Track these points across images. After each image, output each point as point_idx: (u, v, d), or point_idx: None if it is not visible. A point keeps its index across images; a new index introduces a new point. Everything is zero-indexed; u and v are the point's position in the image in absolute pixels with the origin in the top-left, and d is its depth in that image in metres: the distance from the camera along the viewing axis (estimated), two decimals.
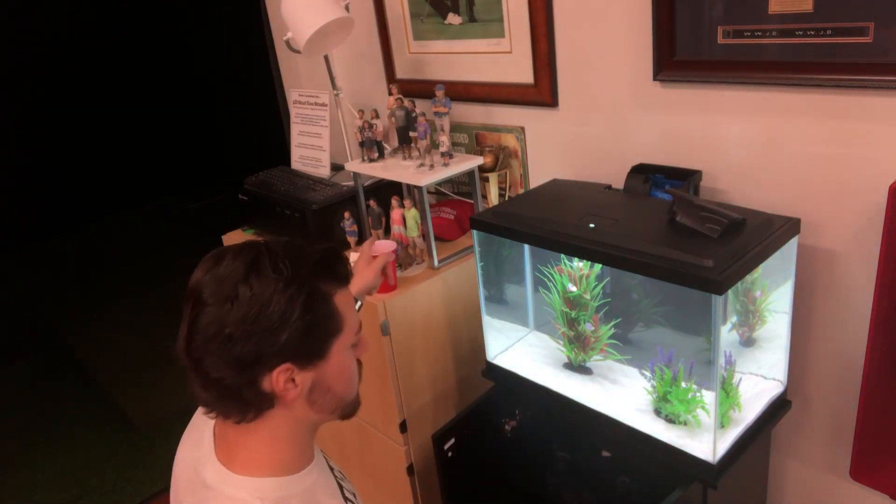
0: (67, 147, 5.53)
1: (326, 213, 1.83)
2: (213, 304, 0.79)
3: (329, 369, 0.86)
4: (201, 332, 0.79)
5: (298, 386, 0.83)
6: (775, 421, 1.35)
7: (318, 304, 0.83)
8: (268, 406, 0.83)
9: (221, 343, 0.78)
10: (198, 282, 0.82)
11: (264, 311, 0.78)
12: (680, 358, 1.27)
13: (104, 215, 5.76)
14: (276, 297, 0.79)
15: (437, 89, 1.64)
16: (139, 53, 5.67)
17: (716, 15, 1.29)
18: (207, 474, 0.87)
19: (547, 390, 1.47)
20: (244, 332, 0.78)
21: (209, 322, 0.79)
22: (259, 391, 0.81)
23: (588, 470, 1.51)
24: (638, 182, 1.44)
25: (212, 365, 0.80)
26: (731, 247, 1.12)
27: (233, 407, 0.83)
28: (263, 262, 0.81)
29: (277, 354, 0.80)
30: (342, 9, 1.85)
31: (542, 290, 1.49)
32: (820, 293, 1.35)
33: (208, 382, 0.81)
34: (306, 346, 0.82)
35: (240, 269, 0.80)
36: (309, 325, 0.81)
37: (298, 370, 0.83)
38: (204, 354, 0.80)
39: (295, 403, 0.85)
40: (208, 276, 0.82)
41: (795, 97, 1.25)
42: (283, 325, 0.79)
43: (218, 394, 0.82)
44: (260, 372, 0.80)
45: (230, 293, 0.79)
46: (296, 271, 0.81)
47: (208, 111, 5.98)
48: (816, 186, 1.28)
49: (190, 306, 0.81)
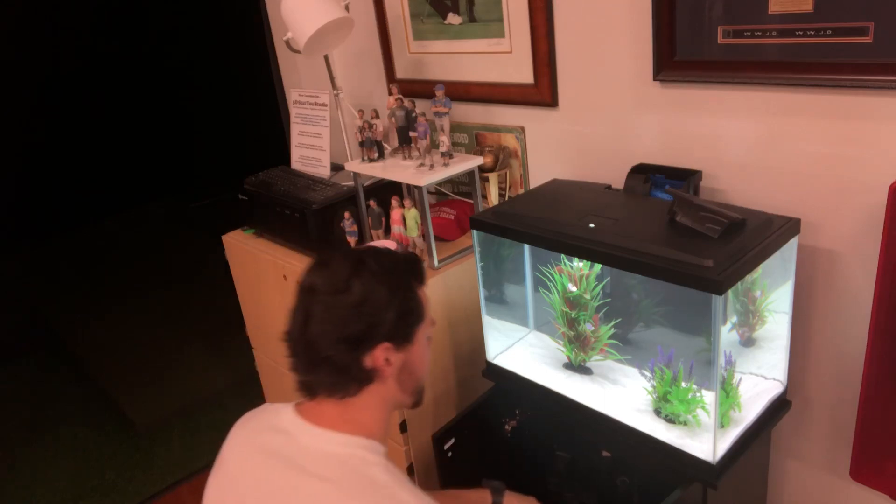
0: (67, 147, 5.52)
1: (326, 213, 1.83)
2: (327, 295, 0.99)
3: (414, 353, 1.06)
4: (317, 317, 0.99)
5: (392, 364, 1.02)
6: (775, 421, 1.35)
7: (409, 294, 1.04)
8: (367, 381, 1.01)
9: (335, 325, 0.98)
10: (311, 281, 1.02)
11: (371, 298, 0.99)
12: (680, 358, 1.27)
13: (104, 215, 5.76)
14: (379, 288, 1.00)
15: (437, 89, 1.64)
16: (139, 53, 5.67)
17: (716, 15, 1.29)
18: (303, 439, 1.00)
19: (547, 390, 1.47)
20: (355, 315, 0.98)
21: (325, 309, 0.99)
22: (362, 367, 1.00)
23: (588, 470, 1.50)
24: (638, 182, 1.44)
25: (325, 345, 0.98)
26: (731, 247, 1.13)
27: (339, 382, 1.00)
28: (368, 262, 1.02)
29: (379, 335, 0.99)
30: (342, 9, 1.85)
31: (542, 290, 1.49)
32: (820, 293, 1.35)
33: (319, 360, 0.99)
34: (400, 329, 1.02)
35: (348, 267, 1.00)
36: (403, 311, 1.02)
37: (394, 350, 1.02)
38: (319, 336, 0.98)
39: (388, 381, 1.03)
40: (320, 274, 1.02)
41: (795, 97, 1.25)
42: (385, 309, 0.99)
43: (328, 370, 1.00)
44: (365, 349, 0.99)
45: (342, 286, 0.99)
46: (392, 268, 1.03)
47: (208, 111, 5.98)
48: (816, 186, 1.28)
49: (306, 299, 1.01)
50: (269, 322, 2.16)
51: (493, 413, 1.62)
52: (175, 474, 2.63)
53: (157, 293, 4.28)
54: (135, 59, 5.67)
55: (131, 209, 5.86)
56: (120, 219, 5.77)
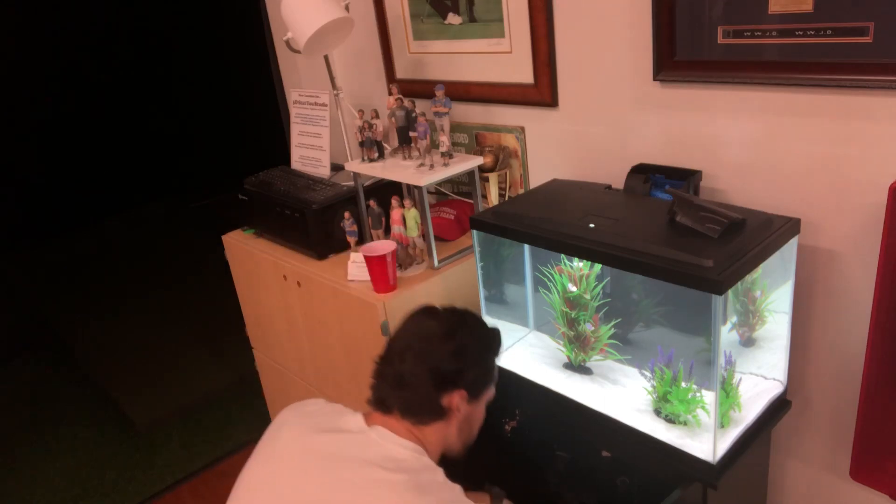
0: (67, 147, 5.53)
1: (326, 213, 1.83)
2: (433, 336, 1.17)
3: (476, 411, 1.23)
4: (418, 351, 1.16)
5: (461, 412, 1.17)
6: (775, 421, 1.35)
7: (492, 360, 1.26)
8: (439, 417, 1.15)
9: (432, 361, 1.15)
10: (418, 322, 1.22)
11: (467, 350, 1.18)
12: (680, 358, 1.27)
13: (104, 215, 5.76)
14: (474, 345, 1.21)
15: (437, 89, 1.64)
16: (139, 53, 5.67)
17: (716, 15, 1.29)
18: (373, 436, 1.12)
19: (547, 390, 1.47)
20: (451, 358, 1.16)
21: (427, 346, 1.16)
22: (439, 403, 1.15)
23: (588, 470, 1.50)
24: (638, 182, 1.44)
25: (418, 373, 1.14)
26: (731, 247, 1.12)
27: (417, 408, 1.14)
28: (470, 322, 1.24)
29: (462, 381, 1.16)
30: (342, 9, 1.85)
31: (542, 290, 1.49)
32: (820, 293, 1.35)
33: (406, 385, 1.14)
34: (477, 386, 1.20)
35: (455, 321, 1.21)
36: (484, 370, 1.22)
37: (466, 400, 1.17)
38: (414, 366, 1.14)
39: (452, 425, 1.18)
40: (428, 321, 1.21)
41: (795, 97, 1.25)
42: (474, 363, 1.19)
43: (410, 394, 1.14)
44: (446, 389, 1.15)
45: (447, 334, 1.18)
46: (486, 334, 1.27)
47: (208, 111, 5.98)
48: (816, 186, 1.28)
49: (409, 334, 1.20)
50: (269, 322, 2.16)
51: (493, 413, 1.62)
52: (175, 474, 2.63)
53: (157, 293, 4.28)
54: (135, 59, 5.67)
55: (131, 209, 5.86)
56: (120, 219, 5.77)
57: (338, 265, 1.81)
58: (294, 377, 2.18)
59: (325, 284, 1.76)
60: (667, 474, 1.27)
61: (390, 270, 1.60)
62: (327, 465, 1.08)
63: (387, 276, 1.60)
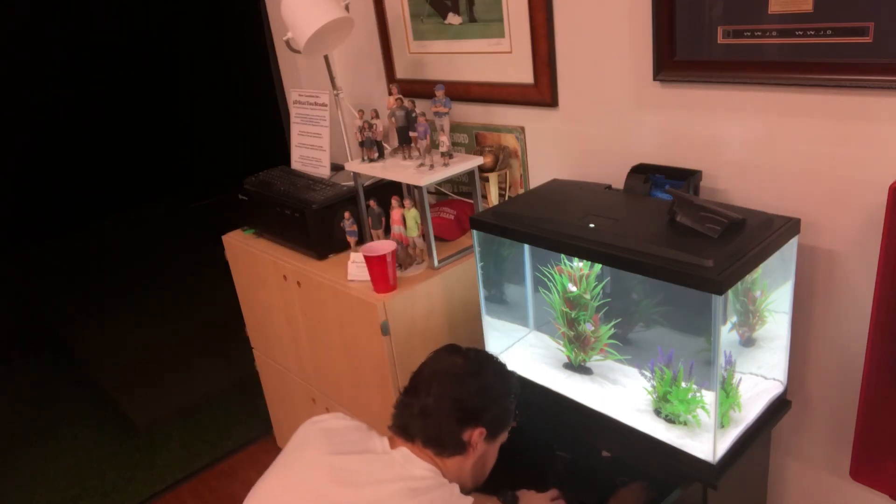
0: (67, 147, 5.52)
1: (326, 213, 1.83)
2: (461, 371, 1.23)
3: (491, 451, 1.28)
4: (445, 385, 1.21)
5: (479, 449, 1.22)
6: (775, 421, 1.35)
7: (511, 403, 1.29)
8: (458, 451, 1.20)
9: (458, 395, 1.20)
10: (445, 359, 1.27)
11: (492, 387, 1.24)
12: (680, 358, 1.28)
13: (104, 215, 5.76)
14: (499, 385, 1.27)
15: (437, 89, 1.64)
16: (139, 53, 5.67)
17: (716, 15, 1.29)
18: (398, 457, 1.17)
19: (547, 390, 1.47)
20: (477, 394, 1.21)
21: (455, 381, 1.21)
22: (460, 438, 1.19)
23: (588, 470, 1.50)
24: (638, 182, 1.44)
25: (444, 406, 1.19)
26: (731, 247, 1.12)
27: (438, 441, 1.18)
28: (496, 363, 1.31)
29: (484, 419, 1.21)
30: (342, 9, 1.85)
31: (542, 290, 1.49)
32: (820, 293, 1.35)
33: (430, 416, 1.18)
34: (496, 425, 1.24)
35: (481, 359, 1.28)
36: (505, 410, 1.26)
37: (484, 438, 1.21)
38: (439, 399, 1.19)
39: (469, 461, 1.22)
40: (453, 357, 1.26)
41: (795, 97, 1.25)
42: (496, 402, 1.24)
43: (434, 426, 1.18)
44: (469, 425, 1.19)
45: (475, 370, 1.24)
46: (511, 376, 1.32)
47: (208, 111, 5.98)
48: (816, 186, 1.28)
49: (436, 372, 1.24)
50: (269, 322, 2.16)
51: None
52: (175, 474, 2.63)
53: (157, 293, 4.27)
54: (135, 58, 5.67)
55: (131, 209, 5.86)
56: (120, 219, 5.77)
57: (338, 265, 1.81)
58: (294, 377, 2.18)
59: (325, 284, 1.76)
60: (667, 474, 1.27)
61: (390, 270, 1.60)
62: (348, 485, 1.12)
63: (387, 276, 1.60)
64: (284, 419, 2.47)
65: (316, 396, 2.09)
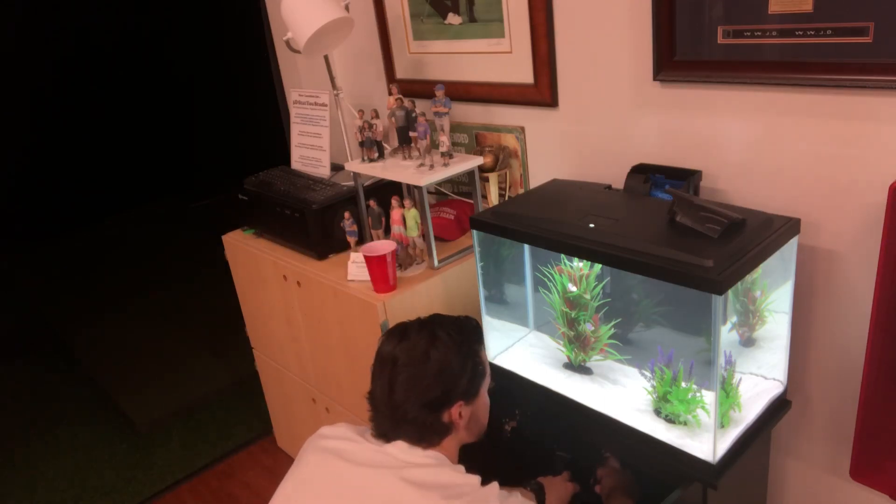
0: (67, 147, 5.52)
1: (326, 213, 1.83)
2: (410, 365, 1.15)
3: (479, 404, 1.25)
4: (402, 385, 1.14)
5: (464, 417, 1.19)
6: (775, 421, 1.35)
7: (476, 358, 1.23)
8: (446, 433, 1.18)
9: (419, 392, 1.14)
10: (391, 352, 1.17)
11: (447, 367, 1.16)
12: (680, 358, 1.27)
13: (104, 215, 5.76)
14: (453, 358, 1.18)
15: (437, 89, 1.64)
16: (139, 53, 5.67)
17: (716, 15, 1.29)
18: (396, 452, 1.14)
19: (547, 390, 1.47)
20: (436, 381, 1.15)
21: (409, 378, 1.14)
22: (442, 423, 1.16)
23: (588, 470, 1.50)
24: (638, 182, 1.44)
25: (410, 409, 1.14)
26: (731, 247, 1.12)
27: (422, 436, 1.15)
28: (440, 334, 1.19)
29: (455, 396, 1.17)
30: (342, 9, 1.85)
31: (542, 290, 1.49)
32: (820, 293, 1.35)
33: (404, 422, 1.14)
34: (470, 388, 1.20)
35: (425, 340, 1.17)
36: (472, 373, 1.21)
37: (465, 405, 1.19)
38: (403, 401, 1.14)
39: (461, 430, 1.20)
40: (400, 347, 1.17)
41: (795, 97, 1.25)
42: (459, 375, 1.18)
43: (412, 428, 1.15)
44: (443, 409, 1.16)
45: (422, 357, 1.15)
46: (461, 338, 1.21)
47: (208, 111, 5.98)
48: (816, 186, 1.28)
49: (389, 369, 1.16)
50: (269, 322, 2.16)
51: (493, 413, 1.62)
52: (175, 474, 2.63)
53: (157, 293, 4.27)
54: (135, 58, 5.67)
55: (131, 209, 5.86)
56: (120, 219, 5.77)
57: (338, 265, 1.81)
58: (294, 377, 2.18)
59: (325, 284, 1.76)
60: (667, 474, 1.27)
61: (390, 270, 1.60)
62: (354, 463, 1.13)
63: (387, 276, 1.60)
64: (284, 419, 2.47)
65: (316, 396, 2.09)
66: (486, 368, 1.27)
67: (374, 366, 1.22)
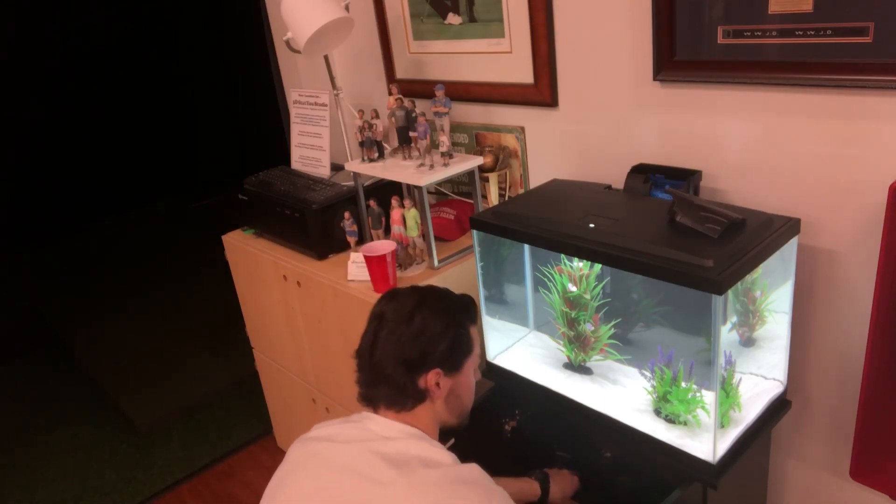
0: (67, 147, 5.52)
1: (326, 213, 1.83)
2: (394, 323, 1.16)
3: (461, 381, 1.21)
4: (383, 340, 1.16)
5: (442, 388, 1.16)
6: (775, 421, 1.35)
7: (461, 331, 1.20)
8: (420, 400, 1.15)
9: (397, 349, 1.14)
10: (381, 310, 1.20)
11: (427, 330, 1.15)
12: (680, 358, 1.27)
13: (104, 215, 5.75)
14: (436, 322, 1.16)
15: (437, 89, 1.64)
16: (139, 53, 5.67)
17: (716, 15, 1.29)
18: (372, 426, 1.15)
19: (547, 390, 1.47)
20: (415, 342, 1.14)
21: (390, 334, 1.15)
22: (416, 387, 1.15)
23: (588, 470, 1.50)
24: (638, 182, 1.44)
25: (388, 365, 1.14)
26: (731, 247, 1.12)
27: (397, 397, 1.15)
28: (429, 299, 1.19)
29: (432, 361, 1.15)
30: (342, 9, 1.85)
31: (542, 290, 1.49)
32: (820, 293, 1.35)
33: (382, 378, 1.15)
34: (451, 359, 1.18)
35: (413, 302, 1.18)
36: (454, 344, 1.18)
37: (444, 376, 1.16)
38: (383, 357, 1.15)
39: (438, 402, 1.17)
40: (388, 306, 1.19)
41: (795, 97, 1.25)
42: (438, 341, 1.16)
43: (388, 386, 1.15)
44: (419, 372, 1.14)
45: (406, 317, 1.16)
46: (448, 307, 1.21)
47: (209, 111, 5.98)
48: (816, 186, 1.28)
49: (375, 325, 1.18)
50: (269, 322, 2.16)
51: (493, 413, 1.62)
52: (175, 474, 2.63)
53: (157, 293, 4.27)
54: (135, 58, 5.67)
55: (131, 209, 5.86)
56: (120, 218, 5.77)
57: (338, 265, 1.81)
58: (294, 377, 2.18)
59: (325, 284, 1.76)
60: (667, 474, 1.27)
61: (390, 270, 1.60)
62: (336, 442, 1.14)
63: (387, 276, 1.60)
64: (284, 419, 2.47)
65: (316, 396, 2.09)
66: (474, 347, 1.24)
67: (365, 326, 1.23)
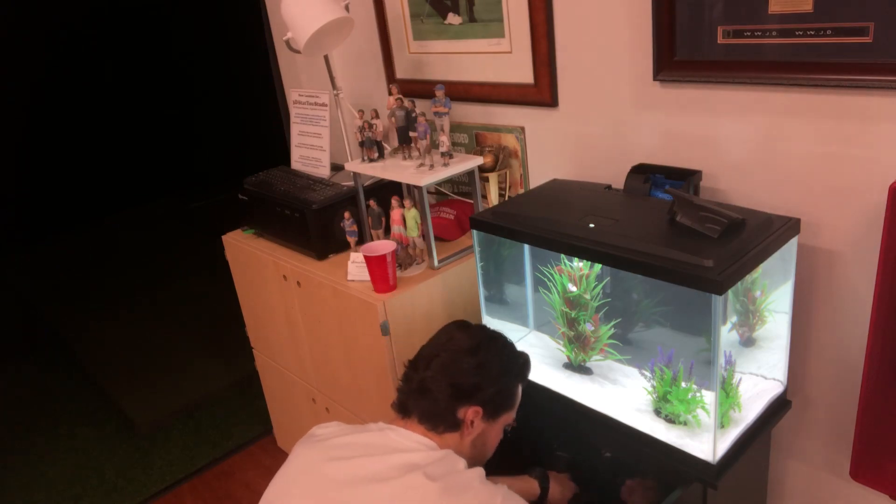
0: (68, 147, 5.52)
1: (326, 213, 1.83)
2: (459, 349, 1.22)
3: (492, 431, 1.25)
4: (442, 360, 1.21)
5: (475, 428, 1.20)
6: (775, 421, 1.35)
7: (513, 382, 1.27)
8: (453, 428, 1.19)
9: (453, 372, 1.20)
10: (451, 335, 1.26)
11: (487, 368, 1.21)
12: (680, 358, 1.27)
13: (104, 215, 5.76)
14: (496, 365, 1.24)
15: (437, 89, 1.64)
16: (139, 53, 5.67)
17: (716, 15, 1.29)
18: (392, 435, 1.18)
19: (547, 390, 1.47)
20: (471, 373, 1.20)
21: (451, 356, 1.21)
22: (454, 415, 1.18)
23: (588, 470, 1.50)
24: (638, 182, 1.44)
25: (438, 383, 1.19)
26: (731, 247, 1.12)
27: (434, 416, 1.18)
28: (497, 343, 1.28)
29: (479, 398, 1.19)
30: (342, 9, 1.85)
31: (542, 290, 1.49)
32: (820, 293, 1.35)
33: (426, 393, 1.19)
34: (494, 405, 1.22)
35: (482, 338, 1.26)
36: (502, 391, 1.24)
37: (482, 417, 1.20)
38: (436, 374, 1.19)
39: (466, 439, 1.21)
40: (459, 333, 1.26)
41: (795, 97, 1.25)
42: (493, 382, 1.21)
43: (429, 403, 1.18)
44: (463, 403, 1.18)
45: (473, 349, 1.22)
46: (511, 357, 1.29)
47: (209, 111, 5.98)
48: (816, 186, 1.28)
49: (439, 345, 1.25)
50: (269, 322, 2.16)
51: None
52: (175, 474, 2.63)
53: (157, 293, 4.27)
54: (135, 58, 5.67)
55: (131, 209, 5.86)
56: (120, 218, 5.77)
57: (338, 265, 1.81)
58: (294, 377, 2.18)
59: (325, 284, 1.76)
60: (667, 474, 1.27)
61: (390, 270, 1.60)
62: (342, 460, 1.13)
63: (387, 276, 1.60)
64: (284, 419, 2.47)
65: (316, 396, 2.09)
66: (515, 405, 1.28)
67: (428, 341, 1.28)
